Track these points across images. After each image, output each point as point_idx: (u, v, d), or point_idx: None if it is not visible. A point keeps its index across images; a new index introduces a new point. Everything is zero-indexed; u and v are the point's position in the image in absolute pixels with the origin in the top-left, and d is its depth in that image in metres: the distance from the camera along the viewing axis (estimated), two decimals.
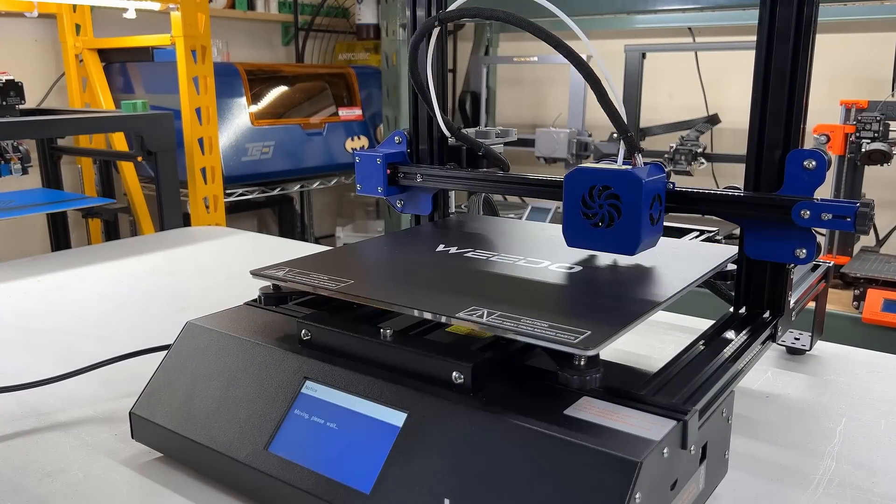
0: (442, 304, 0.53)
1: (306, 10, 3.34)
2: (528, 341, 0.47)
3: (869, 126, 1.77)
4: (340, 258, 0.68)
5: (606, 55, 3.05)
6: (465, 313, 0.50)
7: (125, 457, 0.58)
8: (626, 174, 0.59)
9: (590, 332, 0.46)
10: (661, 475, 0.41)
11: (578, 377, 0.46)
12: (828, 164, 0.57)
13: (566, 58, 0.59)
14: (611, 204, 0.59)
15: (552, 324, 0.48)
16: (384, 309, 0.60)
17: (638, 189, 0.58)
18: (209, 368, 0.56)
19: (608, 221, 0.60)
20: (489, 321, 0.49)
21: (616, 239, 0.60)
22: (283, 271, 0.61)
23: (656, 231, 0.62)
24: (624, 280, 0.60)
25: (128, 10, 2.17)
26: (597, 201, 0.60)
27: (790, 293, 0.62)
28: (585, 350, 0.45)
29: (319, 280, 0.59)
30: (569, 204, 0.62)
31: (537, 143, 2.58)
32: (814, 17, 0.57)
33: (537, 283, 0.58)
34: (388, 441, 0.46)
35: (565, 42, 0.59)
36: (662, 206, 0.62)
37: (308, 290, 0.59)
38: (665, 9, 2.02)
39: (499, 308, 0.51)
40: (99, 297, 1.01)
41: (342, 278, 0.59)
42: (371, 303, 0.56)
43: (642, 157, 0.61)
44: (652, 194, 0.60)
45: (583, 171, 0.61)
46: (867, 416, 0.64)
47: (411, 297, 0.55)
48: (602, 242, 0.61)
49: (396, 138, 0.83)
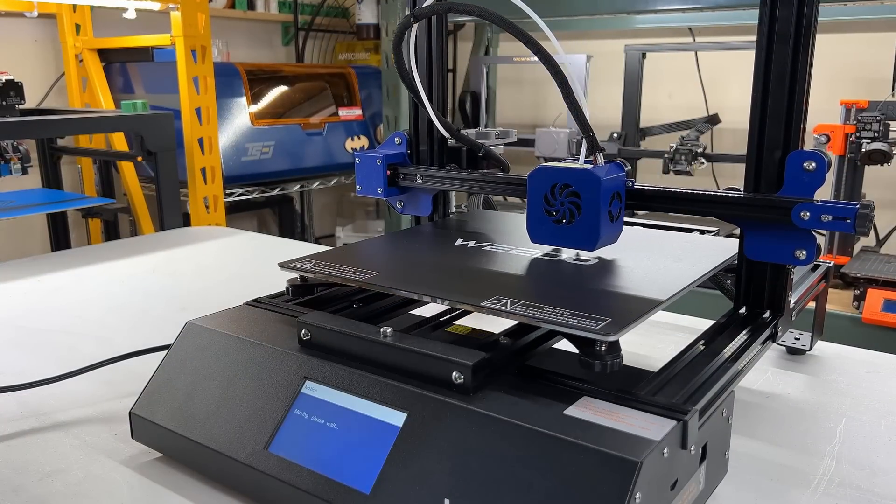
0: (466, 293, 0.56)
1: (306, 10, 3.34)
2: (552, 328, 0.49)
3: (869, 126, 1.77)
4: (363, 251, 0.70)
5: (606, 55, 3.03)
6: (490, 302, 0.52)
7: (125, 457, 0.58)
8: (586, 173, 0.61)
9: (610, 319, 0.48)
10: (661, 475, 0.41)
11: (600, 362, 0.48)
12: (828, 165, 0.57)
13: (536, 55, 0.60)
14: (571, 201, 0.62)
15: (573, 312, 0.50)
16: (411, 299, 0.64)
17: (597, 187, 0.61)
18: (209, 368, 0.56)
19: (569, 218, 0.62)
20: (513, 309, 0.51)
21: (577, 235, 0.62)
22: (311, 264, 0.63)
23: (616, 227, 0.64)
24: (639, 270, 0.61)
25: (128, 10, 2.17)
26: (558, 199, 0.63)
27: (790, 293, 0.62)
28: (607, 336, 0.47)
29: (346, 272, 0.61)
30: (532, 202, 0.65)
31: (537, 143, 2.58)
32: (814, 17, 0.57)
33: (555, 274, 0.61)
34: (388, 441, 0.46)
35: (536, 40, 0.61)
36: (622, 204, 0.65)
37: (336, 281, 0.61)
38: (665, 9, 2.02)
39: (521, 298, 0.53)
40: (99, 297, 1.01)
41: (368, 270, 0.61)
42: (398, 293, 0.58)
43: (603, 157, 0.63)
44: (611, 192, 0.62)
45: (545, 170, 0.64)
46: (867, 416, 0.64)
47: (437, 288, 0.57)
48: (564, 239, 0.63)
49: (396, 139, 0.83)
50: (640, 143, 2.58)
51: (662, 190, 0.66)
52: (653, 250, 0.67)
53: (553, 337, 0.57)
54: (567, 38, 3.17)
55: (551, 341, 0.57)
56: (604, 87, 2.90)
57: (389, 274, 0.61)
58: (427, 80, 0.81)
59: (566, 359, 0.63)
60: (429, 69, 0.81)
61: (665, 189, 0.66)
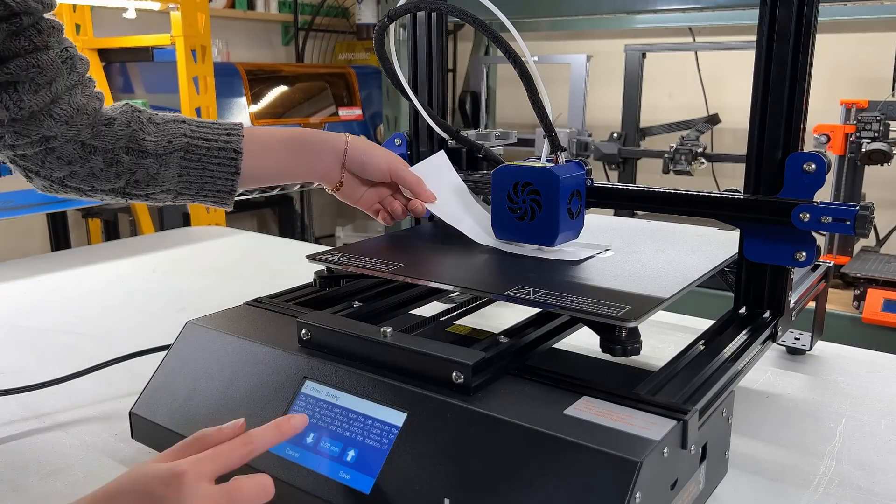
0: (489, 284, 0.59)
1: (306, 10, 3.34)
2: (575, 315, 0.51)
3: (869, 126, 1.77)
4: (386, 245, 0.72)
5: (606, 55, 3.03)
6: (513, 291, 0.54)
7: (125, 457, 0.58)
8: (546, 171, 0.64)
9: (630, 306, 0.50)
10: (661, 475, 0.41)
11: (621, 347, 0.50)
12: (827, 167, 0.57)
13: (504, 54, 0.62)
14: (532, 199, 0.65)
15: (594, 300, 0.51)
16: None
17: (556, 185, 0.63)
18: (209, 368, 0.56)
19: (531, 215, 0.65)
20: (536, 298, 0.52)
21: (538, 231, 0.65)
22: (337, 256, 0.65)
23: (576, 224, 0.67)
24: (653, 262, 0.62)
25: (128, 9, 2.17)
26: (520, 196, 0.65)
27: (790, 293, 0.62)
28: (628, 322, 0.48)
29: (372, 263, 0.62)
30: (496, 199, 0.67)
31: (537, 143, 2.58)
32: (814, 17, 0.57)
33: (571, 266, 0.62)
34: (388, 441, 0.46)
35: (504, 39, 0.62)
36: (582, 202, 0.67)
37: (364, 272, 0.62)
38: (665, 9, 2.02)
39: (542, 288, 0.54)
40: (99, 297, 1.01)
41: (392, 262, 0.63)
42: (425, 283, 0.60)
43: (564, 156, 0.66)
44: (570, 190, 0.65)
45: (507, 169, 0.66)
46: (867, 416, 0.64)
47: (460, 279, 0.60)
48: (526, 235, 0.66)
49: (396, 140, 0.84)
50: (640, 143, 2.58)
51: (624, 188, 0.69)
52: (668, 240, 0.70)
53: (553, 337, 0.57)
54: (567, 38, 3.17)
55: (551, 341, 0.57)
56: (604, 87, 2.90)
57: (413, 266, 0.63)
58: (427, 80, 0.81)
59: (566, 359, 0.63)
60: (429, 69, 0.81)
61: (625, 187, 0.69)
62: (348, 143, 0.72)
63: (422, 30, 0.81)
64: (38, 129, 0.61)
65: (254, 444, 0.42)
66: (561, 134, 2.55)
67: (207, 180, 0.68)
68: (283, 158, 0.71)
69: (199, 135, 0.67)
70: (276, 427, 0.44)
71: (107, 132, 0.65)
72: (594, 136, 2.60)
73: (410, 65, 0.82)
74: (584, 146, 2.55)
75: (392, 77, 0.73)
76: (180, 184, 0.68)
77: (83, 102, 0.63)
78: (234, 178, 0.68)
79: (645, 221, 0.79)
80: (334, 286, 0.68)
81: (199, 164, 0.67)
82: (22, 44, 0.57)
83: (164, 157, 0.66)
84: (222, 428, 0.43)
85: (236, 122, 0.70)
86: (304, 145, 0.72)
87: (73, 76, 0.62)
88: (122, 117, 0.66)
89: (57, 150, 0.63)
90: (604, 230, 0.74)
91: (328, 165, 0.72)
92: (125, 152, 0.65)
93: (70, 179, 0.66)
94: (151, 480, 0.38)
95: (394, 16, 0.67)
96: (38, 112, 0.60)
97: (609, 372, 0.60)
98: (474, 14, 0.63)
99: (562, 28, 2.95)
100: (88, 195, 0.68)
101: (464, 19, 0.63)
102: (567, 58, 2.59)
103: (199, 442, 0.42)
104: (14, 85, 0.58)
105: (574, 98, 2.56)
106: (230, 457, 0.41)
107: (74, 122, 0.62)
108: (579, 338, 0.62)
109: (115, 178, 0.66)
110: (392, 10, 0.67)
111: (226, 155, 0.67)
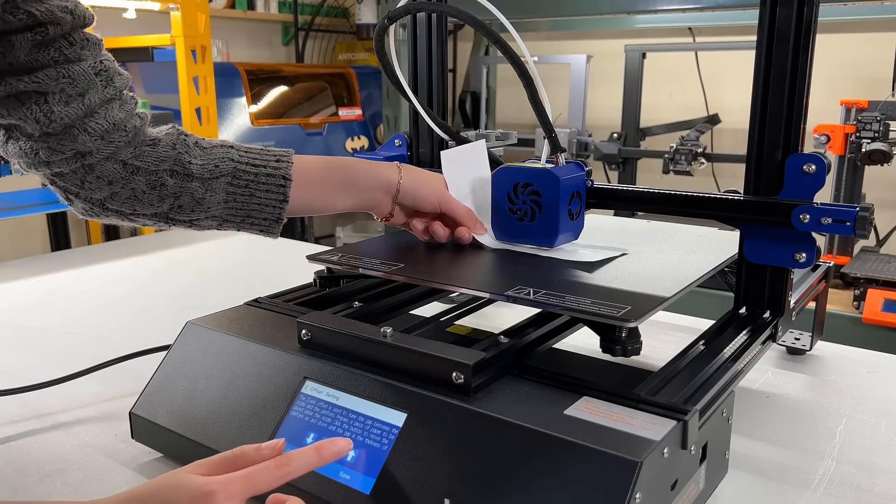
0: (489, 284, 0.59)
1: (306, 10, 3.34)
2: (575, 315, 0.51)
3: (869, 126, 1.77)
4: (386, 245, 0.72)
5: (606, 55, 3.04)
6: (513, 291, 0.54)
7: (125, 457, 0.58)
8: (546, 172, 0.64)
9: (630, 306, 0.50)
10: (661, 475, 0.41)
11: (621, 347, 0.50)
12: (827, 168, 0.57)
13: (503, 54, 0.62)
14: (532, 200, 0.65)
15: (594, 300, 0.51)
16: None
17: (556, 186, 0.63)
18: (209, 368, 0.56)
19: (531, 216, 0.65)
20: (536, 298, 0.52)
21: (537, 232, 0.65)
22: (337, 256, 0.65)
23: (576, 225, 0.67)
24: (653, 262, 0.62)
25: (128, 9, 2.17)
26: (521, 197, 0.65)
27: (790, 293, 0.62)
28: (627, 322, 0.48)
29: (372, 264, 0.62)
30: (496, 200, 0.67)
31: (537, 143, 2.58)
32: (814, 17, 0.57)
33: (571, 267, 0.62)
34: (388, 441, 0.46)
35: (504, 40, 0.62)
36: (582, 202, 0.67)
37: (364, 272, 0.62)
38: (665, 9, 2.02)
39: (542, 288, 0.54)
40: (99, 297, 1.01)
41: (393, 262, 0.63)
42: (424, 283, 0.60)
43: (564, 156, 0.66)
44: (570, 191, 0.65)
45: (507, 170, 0.66)
46: (867, 416, 0.64)
47: (460, 279, 0.60)
48: (526, 236, 0.66)
49: (397, 141, 0.84)
50: (641, 143, 2.58)
51: (624, 189, 0.68)
52: (669, 241, 0.70)
53: (553, 337, 0.57)
54: (567, 38, 3.17)
55: (552, 341, 0.57)
56: (604, 87, 2.90)
57: (413, 266, 0.63)
58: (427, 80, 0.81)
59: (566, 359, 0.63)
60: (429, 70, 0.81)
61: (625, 188, 0.68)
62: (402, 177, 0.69)
63: (422, 30, 0.81)
64: (73, 145, 0.59)
65: (290, 466, 0.42)
66: (561, 134, 2.55)
67: (254, 207, 0.65)
68: (331, 192, 0.68)
69: (247, 160, 0.65)
70: (317, 451, 0.43)
71: (151, 153, 0.62)
72: (594, 136, 2.60)
73: (410, 65, 0.82)
74: (584, 146, 2.55)
75: (392, 78, 0.73)
76: (226, 210, 0.65)
77: (121, 118, 0.60)
78: (282, 206, 0.65)
79: (645, 222, 0.79)
80: (334, 286, 0.68)
81: (246, 189, 0.65)
82: (51, 55, 0.55)
83: (211, 182, 0.64)
84: (261, 447, 0.43)
85: (286, 149, 0.68)
86: (352, 181, 0.69)
87: (109, 90, 0.60)
88: (167, 139, 0.64)
89: (96, 168, 0.61)
90: (604, 230, 0.74)
91: (378, 199, 0.69)
92: (170, 175, 0.63)
93: (111, 202, 0.63)
94: (182, 495, 0.38)
95: (394, 17, 0.67)
96: (72, 126, 0.58)
97: (609, 372, 0.60)
98: (474, 15, 0.63)
99: (562, 28, 2.95)
100: (130, 219, 0.66)
101: (464, 20, 0.63)
102: (567, 58, 2.59)
103: (238, 459, 0.42)
104: (44, 96, 0.56)
105: (574, 98, 2.57)
106: (263, 479, 0.41)
107: (111, 137, 0.60)
108: (579, 338, 0.62)
109: (158, 201, 0.63)
110: (392, 11, 0.67)
111: (274, 182, 0.65)
